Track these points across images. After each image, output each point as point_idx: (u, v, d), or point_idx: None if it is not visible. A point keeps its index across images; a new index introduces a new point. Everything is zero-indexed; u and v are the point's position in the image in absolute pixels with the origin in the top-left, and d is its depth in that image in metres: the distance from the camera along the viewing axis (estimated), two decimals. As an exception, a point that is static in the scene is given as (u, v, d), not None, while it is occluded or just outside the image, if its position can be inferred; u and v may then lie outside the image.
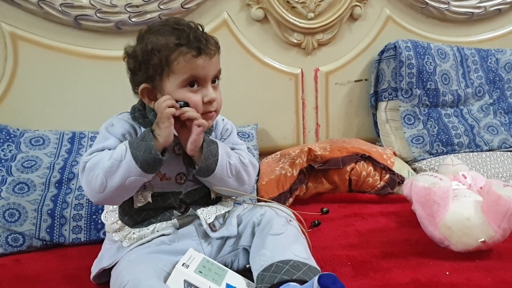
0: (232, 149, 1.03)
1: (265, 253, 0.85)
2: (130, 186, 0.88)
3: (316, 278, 0.74)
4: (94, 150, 0.91)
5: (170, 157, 0.92)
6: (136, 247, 0.91)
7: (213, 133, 1.04)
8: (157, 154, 0.86)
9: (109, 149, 0.90)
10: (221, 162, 0.95)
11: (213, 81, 0.96)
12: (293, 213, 1.02)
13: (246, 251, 0.94)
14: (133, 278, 0.79)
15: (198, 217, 0.96)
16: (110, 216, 0.97)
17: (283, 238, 0.88)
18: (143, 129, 0.95)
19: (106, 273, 0.92)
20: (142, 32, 0.95)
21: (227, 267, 0.91)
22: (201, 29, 0.95)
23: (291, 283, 0.79)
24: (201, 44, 0.91)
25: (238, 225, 0.97)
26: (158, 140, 0.88)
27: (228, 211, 1.00)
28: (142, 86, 0.93)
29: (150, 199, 0.94)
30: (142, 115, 0.97)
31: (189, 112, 0.90)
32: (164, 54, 0.89)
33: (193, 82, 0.92)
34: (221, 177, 0.96)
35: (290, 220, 0.95)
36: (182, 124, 0.92)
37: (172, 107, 0.89)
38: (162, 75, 0.91)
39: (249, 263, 0.91)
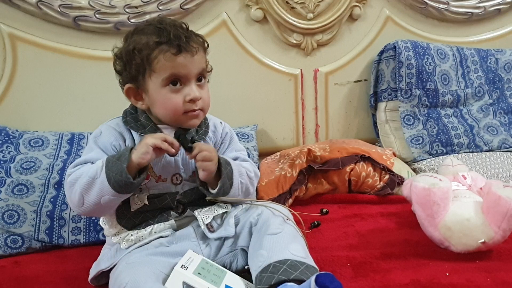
0: (236, 158, 1.04)
1: (263, 253, 0.85)
2: (106, 204, 0.88)
3: (313, 277, 0.73)
4: (78, 162, 0.91)
5: (164, 159, 0.94)
6: (135, 249, 0.91)
7: (212, 136, 1.04)
8: (128, 177, 0.84)
9: (92, 163, 0.90)
10: (235, 184, 0.96)
11: (200, 80, 0.95)
12: (292, 212, 1.01)
13: (245, 252, 0.94)
14: (132, 280, 0.78)
15: (195, 218, 0.95)
16: (108, 220, 0.97)
17: (280, 237, 0.88)
18: (134, 134, 0.95)
19: (104, 275, 0.92)
20: (128, 33, 0.96)
21: (226, 268, 0.91)
22: (185, 27, 0.94)
23: (289, 283, 0.78)
24: (181, 41, 0.90)
25: (236, 225, 0.96)
26: (132, 161, 0.86)
27: (226, 212, 1.00)
28: (127, 86, 0.94)
29: (146, 201, 0.94)
30: (134, 118, 0.97)
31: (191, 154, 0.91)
32: (145, 53, 0.90)
33: (175, 81, 0.91)
34: (233, 196, 0.97)
35: (287, 219, 0.94)
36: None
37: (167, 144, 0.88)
38: (144, 74, 0.91)
39: (247, 264, 0.90)
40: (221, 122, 1.08)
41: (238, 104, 1.63)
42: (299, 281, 0.79)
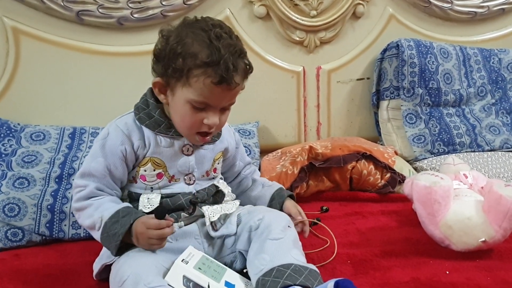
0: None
1: (265, 257, 0.84)
2: None
3: (332, 283, 0.74)
4: (84, 172, 0.91)
5: (178, 158, 0.93)
6: None
7: (230, 139, 1.07)
8: (114, 254, 0.87)
9: (94, 177, 0.90)
10: None
11: (224, 108, 0.92)
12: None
13: (243, 255, 0.93)
14: (134, 273, 0.78)
15: (202, 216, 0.95)
16: None
17: (283, 242, 0.87)
18: (147, 132, 0.92)
19: (107, 269, 0.91)
20: (187, 21, 0.90)
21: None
22: (237, 53, 0.87)
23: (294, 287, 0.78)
24: (228, 74, 0.84)
25: (238, 224, 0.96)
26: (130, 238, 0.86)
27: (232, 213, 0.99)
28: (157, 79, 0.90)
29: (158, 203, 0.92)
30: (147, 114, 0.93)
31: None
32: (188, 65, 0.84)
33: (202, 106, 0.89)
34: None
35: (288, 226, 0.93)
36: None
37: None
38: (179, 80, 0.87)
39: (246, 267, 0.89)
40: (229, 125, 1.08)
41: (240, 100, 1.59)
42: (304, 287, 0.79)
